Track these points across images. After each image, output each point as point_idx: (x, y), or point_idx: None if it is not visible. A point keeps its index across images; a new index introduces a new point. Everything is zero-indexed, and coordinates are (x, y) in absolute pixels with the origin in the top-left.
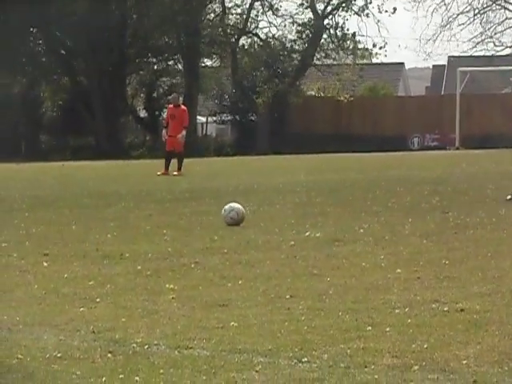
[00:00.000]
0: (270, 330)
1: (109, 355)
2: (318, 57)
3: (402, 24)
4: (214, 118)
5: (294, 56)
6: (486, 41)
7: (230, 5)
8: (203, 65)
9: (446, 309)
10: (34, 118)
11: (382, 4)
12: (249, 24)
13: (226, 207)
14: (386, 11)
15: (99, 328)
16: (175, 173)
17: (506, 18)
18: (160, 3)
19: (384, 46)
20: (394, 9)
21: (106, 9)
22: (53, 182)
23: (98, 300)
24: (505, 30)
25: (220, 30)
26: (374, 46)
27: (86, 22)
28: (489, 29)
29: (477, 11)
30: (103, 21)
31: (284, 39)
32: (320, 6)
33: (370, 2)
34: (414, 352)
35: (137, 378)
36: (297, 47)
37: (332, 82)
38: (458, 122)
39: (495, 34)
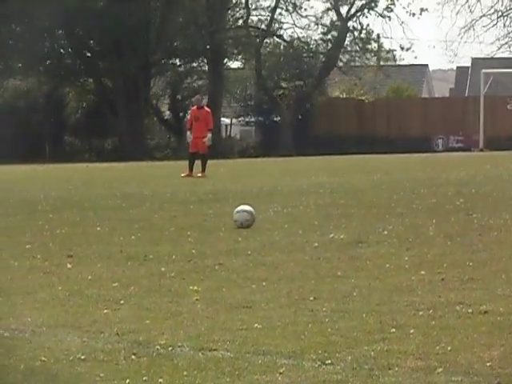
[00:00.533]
0: (293, 332)
1: (133, 357)
2: (342, 58)
3: (425, 26)
4: (238, 120)
5: (319, 57)
6: (510, 43)
7: (254, 6)
8: (227, 66)
9: (469, 311)
10: (59, 120)
11: (409, 5)
12: (273, 25)
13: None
14: (414, 14)
15: (123, 330)
16: (199, 174)
17: None
18: (183, 5)
19: (410, 48)
20: (421, 9)
21: (130, 11)
22: (77, 183)
23: (121, 302)
24: None
25: (244, 31)
26: (402, 48)
27: (111, 24)
28: None
29: (500, 13)
30: (128, 22)
31: (308, 40)
32: (344, 9)
33: (393, 4)
34: (438, 354)
35: (160, 380)
36: (321, 49)
37: (356, 84)
38: (482, 123)
39: None
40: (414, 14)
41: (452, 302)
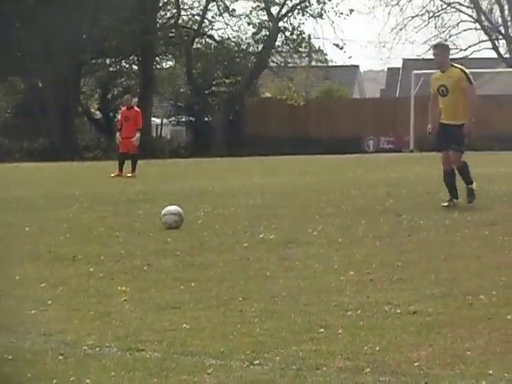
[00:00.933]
0: (222, 333)
1: (60, 357)
2: (274, 59)
3: (357, 27)
4: (169, 120)
5: (249, 58)
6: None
7: (185, 6)
8: (158, 66)
9: (398, 311)
10: None
11: (337, 4)
12: (204, 25)
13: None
14: (342, 13)
15: (50, 330)
16: (129, 174)
17: (461, 21)
18: (114, 4)
19: (342, 47)
20: (351, 10)
21: (60, 10)
22: (7, 183)
23: (49, 302)
24: (459, 32)
25: (174, 31)
26: (337, 46)
27: (41, 24)
28: (443, 32)
29: (431, 14)
30: (58, 22)
31: (239, 41)
32: (275, 9)
33: (325, 3)
34: (366, 354)
35: (88, 381)
36: (252, 49)
37: (287, 84)
38: (413, 124)
39: (450, 36)
40: (342, 13)
41: (380, 302)
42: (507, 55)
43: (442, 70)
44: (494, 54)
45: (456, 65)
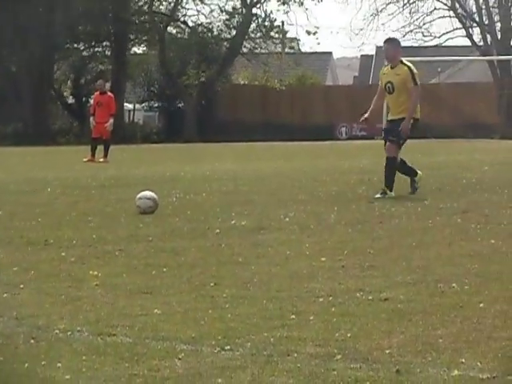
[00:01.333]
0: (193, 318)
1: (32, 341)
2: (247, 45)
3: (330, 13)
4: (142, 105)
5: (222, 44)
6: (415, 31)
7: None
8: (131, 52)
9: (370, 298)
10: None
11: None
12: (177, 11)
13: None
14: None
15: (22, 314)
16: (101, 160)
17: (435, 9)
18: None
19: (315, 33)
20: None
21: None
22: None
23: (21, 286)
24: (433, 20)
25: (148, 17)
26: (309, 33)
27: (13, 8)
28: (417, 19)
29: (406, 1)
30: (31, 7)
31: (212, 27)
32: None
33: None
34: (338, 341)
35: (59, 365)
36: (225, 35)
37: (260, 71)
38: (385, 112)
39: (424, 24)
40: None
41: (352, 288)
42: (481, 43)
43: (392, 66)
44: (467, 42)
45: (406, 62)
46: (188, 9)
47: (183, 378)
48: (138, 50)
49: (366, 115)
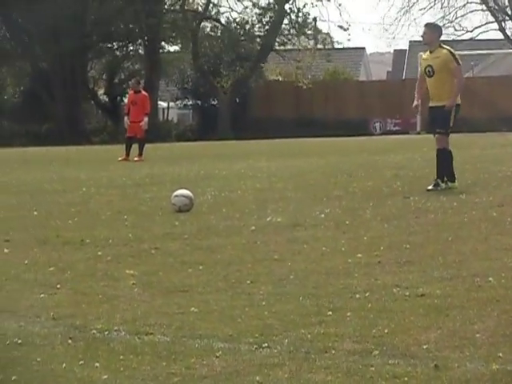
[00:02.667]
0: (230, 316)
1: (69, 341)
2: (280, 41)
3: (363, 9)
4: (176, 103)
5: (256, 41)
6: (447, 25)
7: None
8: (164, 50)
9: (406, 293)
10: None
11: None
12: (210, 8)
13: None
14: None
15: (59, 314)
16: (136, 158)
17: (467, 3)
18: None
19: (347, 29)
20: None
21: None
22: (14, 166)
23: (58, 286)
24: (465, 14)
25: (181, 14)
26: (341, 27)
27: (48, 8)
28: (449, 13)
29: None
30: (64, 6)
31: (245, 24)
32: None
33: None
34: (375, 337)
35: (97, 364)
36: (258, 32)
37: (293, 67)
38: (420, 106)
39: (456, 18)
40: None
41: (389, 284)
42: None
43: (430, 50)
44: (500, 36)
45: (444, 46)
46: (221, 6)
47: (221, 376)
48: (171, 48)
49: (415, 103)
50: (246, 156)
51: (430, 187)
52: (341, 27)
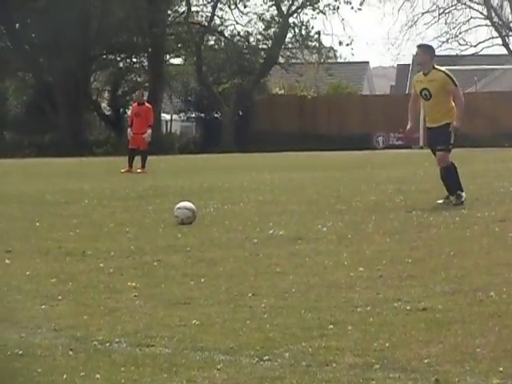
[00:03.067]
0: (231, 328)
1: (70, 353)
2: (283, 55)
3: (366, 23)
4: (179, 116)
5: (259, 54)
6: (451, 40)
7: (195, 2)
8: (168, 62)
9: (408, 308)
10: None
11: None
12: (214, 21)
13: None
14: (352, 7)
15: (61, 325)
16: (139, 170)
17: (471, 18)
18: (124, 0)
19: (350, 43)
20: (361, 2)
21: (69, 6)
22: (16, 178)
23: (59, 298)
24: (469, 29)
25: (185, 27)
26: (341, 43)
27: (51, 19)
28: (453, 28)
29: (442, 10)
30: (68, 18)
31: (249, 37)
32: (286, 5)
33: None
34: (376, 351)
35: (97, 376)
36: (262, 45)
37: (298, 81)
38: (422, 121)
39: (460, 33)
40: (352, 7)
41: (390, 298)
42: None
43: (424, 73)
44: (504, 51)
45: (439, 67)
46: (225, 19)
47: None
48: (175, 60)
49: (410, 124)
50: (248, 169)
51: (440, 201)
52: (341, 43)
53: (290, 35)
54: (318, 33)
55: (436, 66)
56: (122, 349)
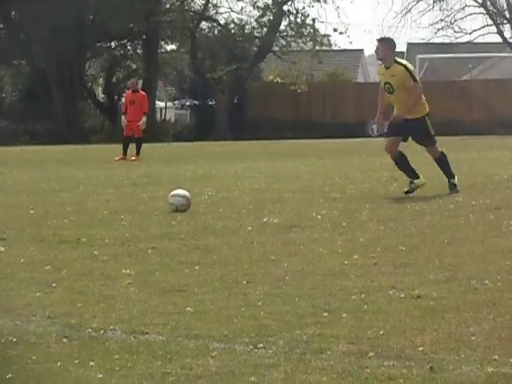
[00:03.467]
0: (226, 316)
1: (64, 340)
2: (278, 43)
3: (361, 10)
4: (173, 103)
5: (254, 41)
6: (446, 28)
7: None
8: (162, 50)
9: (402, 295)
10: None
11: None
12: (208, 9)
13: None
14: None
15: (55, 313)
16: (133, 158)
17: (466, 6)
18: None
19: (345, 32)
20: None
21: None
22: (11, 166)
23: (54, 285)
24: (464, 17)
25: (179, 14)
26: (335, 30)
27: (45, 7)
28: (448, 16)
29: None
30: (62, 5)
31: (244, 24)
32: None
33: None
34: (370, 338)
35: (92, 363)
36: (256, 33)
37: (291, 68)
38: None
39: (455, 20)
40: None
41: (385, 286)
42: None
43: (386, 66)
44: (499, 39)
45: (400, 60)
46: (219, 6)
47: (216, 376)
48: (170, 47)
49: (378, 116)
50: (243, 157)
51: (449, 191)
52: (335, 30)
53: (284, 23)
54: (313, 20)
55: (397, 59)
56: (117, 336)
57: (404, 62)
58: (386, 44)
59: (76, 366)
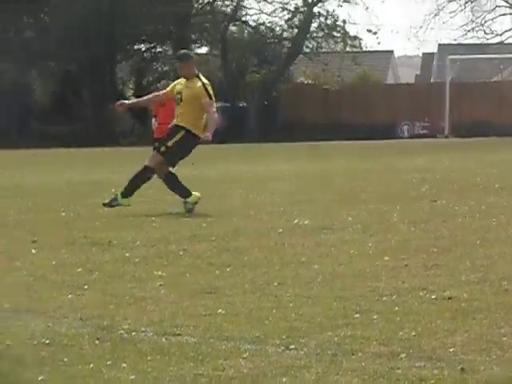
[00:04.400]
0: (257, 318)
1: (96, 342)
2: (308, 44)
3: (391, 12)
4: None
5: (284, 43)
6: (477, 29)
7: None
8: (193, 52)
9: (433, 297)
10: (25, 105)
11: None
12: (239, 11)
13: None
14: None
15: (87, 315)
16: None
17: (497, 6)
18: None
19: (376, 32)
20: None
21: None
22: (43, 168)
23: (85, 287)
24: (495, 17)
25: (210, 17)
26: (369, 31)
27: (77, 10)
28: (479, 16)
29: None
30: (93, 8)
31: (274, 26)
32: None
33: None
34: (401, 340)
35: (124, 365)
36: (286, 34)
37: (323, 70)
38: (448, 109)
39: (485, 21)
40: None
41: (416, 287)
42: None
43: (187, 78)
44: None
45: (201, 77)
46: (250, 8)
47: (248, 377)
48: (200, 49)
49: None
50: (274, 158)
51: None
52: (369, 31)
53: (315, 24)
54: (343, 22)
55: (200, 76)
56: (148, 338)
57: (204, 79)
58: (184, 60)
59: (108, 368)
